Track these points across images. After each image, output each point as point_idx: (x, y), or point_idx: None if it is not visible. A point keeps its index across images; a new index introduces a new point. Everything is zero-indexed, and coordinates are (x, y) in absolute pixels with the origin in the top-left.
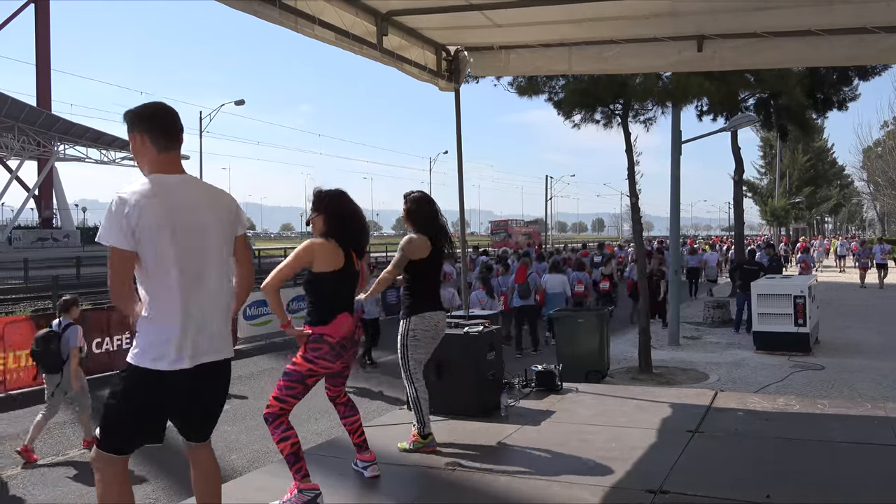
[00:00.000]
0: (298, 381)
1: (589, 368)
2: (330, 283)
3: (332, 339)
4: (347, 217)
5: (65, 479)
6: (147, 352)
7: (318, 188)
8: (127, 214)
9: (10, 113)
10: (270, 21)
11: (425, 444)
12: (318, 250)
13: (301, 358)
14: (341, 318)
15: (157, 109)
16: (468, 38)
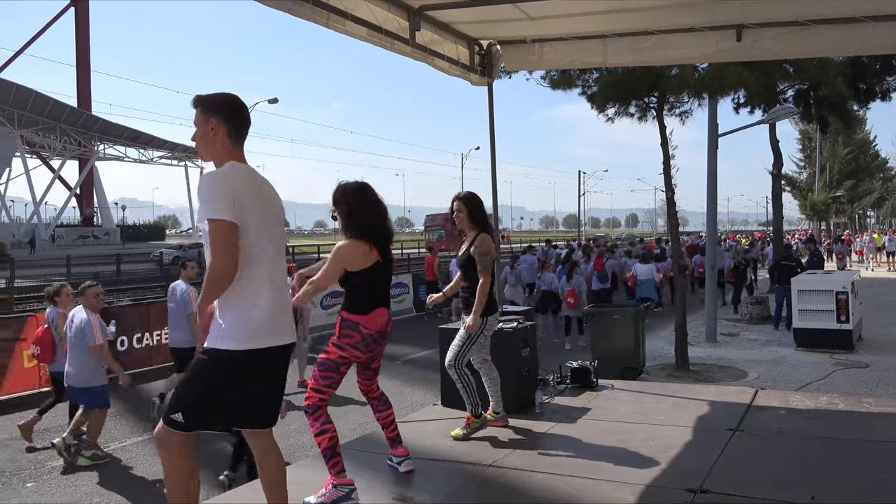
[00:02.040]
0: (332, 370)
1: (624, 365)
2: (365, 278)
3: (366, 331)
4: (368, 212)
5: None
6: (234, 331)
7: (341, 182)
8: (235, 189)
9: (52, 114)
10: (302, 17)
11: (479, 425)
12: (348, 256)
13: (333, 346)
14: (379, 311)
15: (238, 102)
16: (501, 32)
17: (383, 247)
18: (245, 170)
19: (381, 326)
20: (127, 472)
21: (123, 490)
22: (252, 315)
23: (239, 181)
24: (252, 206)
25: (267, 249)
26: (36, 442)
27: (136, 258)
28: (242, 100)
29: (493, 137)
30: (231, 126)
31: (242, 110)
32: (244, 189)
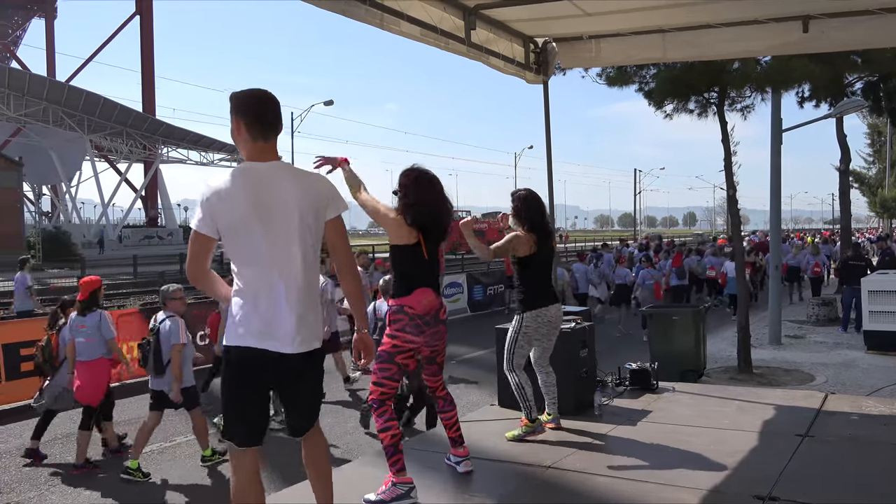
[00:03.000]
0: (389, 361)
1: (684, 367)
2: (403, 257)
3: (411, 311)
4: (423, 202)
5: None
6: (229, 329)
7: (415, 165)
8: (209, 200)
9: (119, 119)
10: (356, 18)
11: (533, 429)
12: (389, 223)
13: (386, 336)
14: (421, 291)
15: (257, 97)
16: (557, 29)
17: (432, 238)
18: (249, 171)
19: (428, 308)
20: (192, 465)
21: (187, 482)
22: (242, 313)
23: (227, 189)
24: (247, 211)
25: (270, 249)
26: None
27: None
28: (267, 95)
29: (549, 136)
30: (250, 122)
31: (262, 106)
32: (232, 196)
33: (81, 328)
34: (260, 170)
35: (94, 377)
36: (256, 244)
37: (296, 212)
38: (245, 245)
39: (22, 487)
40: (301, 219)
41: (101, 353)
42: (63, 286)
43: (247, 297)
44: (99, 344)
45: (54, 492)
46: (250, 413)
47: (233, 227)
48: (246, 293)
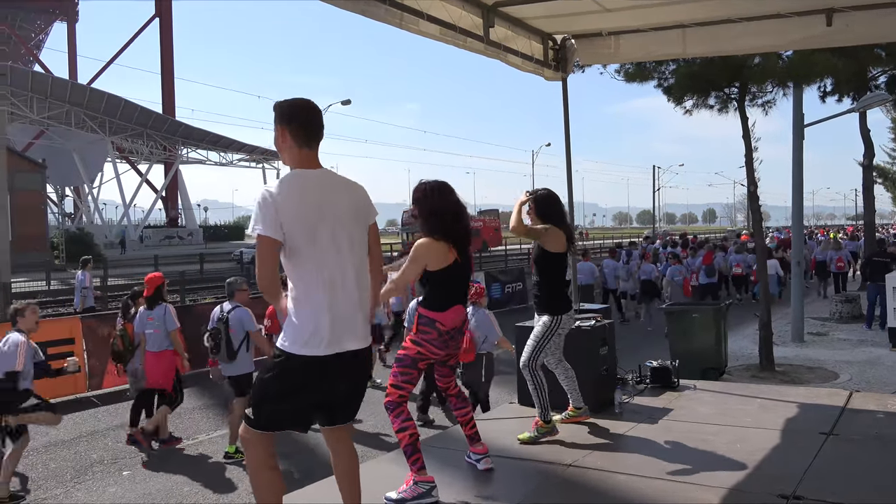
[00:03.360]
0: (411, 366)
1: (706, 365)
2: (444, 277)
3: (442, 327)
4: (445, 212)
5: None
6: (290, 334)
7: (422, 181)
8: (275, 205)
9: (139, 120)
10: (375, 18)
11: (548, 430)
12: (426, 254)
13: (411, 342)
14: (455, 309)
15: (301, 105)
16: (576, 26)
17: (462, 247)
18: (304, 177)
19: (457, 324)
20: (213, 464)
21: (211, 480)
22: (308, 324)
23: (290, 192)
24: (308, 216)
25: (324, 258)
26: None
27: (218, 257)
28: (311, 105)
29: (568, 133)
30: (296, 130)
31: (306, 115)
32: (294, 200)
33: (150, 321)
34: (314, 176)
35: (162, 366)
36: (321, 249)
37: (351, 217)
38: (309, 250)
39: (49, 484)
40: (355, 223)
41: (168, 345)
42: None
43: (311, 304)
44: (165, 335)
45: (80, 489)
46: (303, 414)
47: (297, 233)
48: (309, 299)
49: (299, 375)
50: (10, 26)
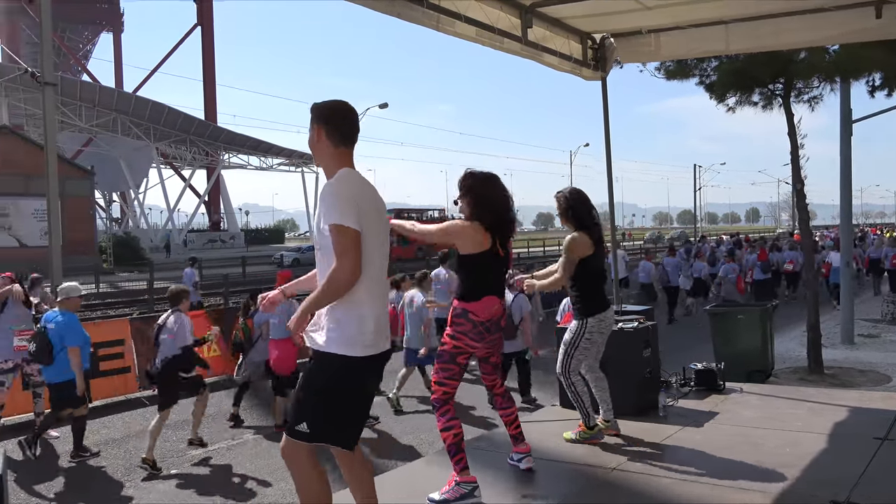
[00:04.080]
0: (451, 362)
1: (751, 368)
2: (476, 263)
3: (476, 318)
4: (494, 201)
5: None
6: (345, 338)
7: (468, 169)
8: (356, 197)
9: (183, 127)
10: (411, 21)
11: (591, 436)
12: (460, 232)
13: (447, 336)
14: (489, 299)
15: (337, 107)
16: (615, 24)
17: (503, 239)
18: (359, 176)
19: (492, 315)
20: (259, 463)
21: (254, 480)
22: (366, 323)
23: (357, 188)
24: (369, 214)
25: (375, 256)
26: (174, 433)
27: (259, 260)
28: (348, 106)
29: (608, 133)
30: (332, 131)
31: (344, 116)
32: (362, 196)
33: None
34: (361, 176)
35: (285, 352)
36: (376, 247)
37: (384, 217)
38: (372, 251)
39: (100, 482)
40: (386, 224)
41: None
42: (133, 289)
43: (364, 303)
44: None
45: (130, 486)
46: (362, 415)
47: (368, 231)
48: (363, 298)
49: (361, 378)
50: (59, 38)
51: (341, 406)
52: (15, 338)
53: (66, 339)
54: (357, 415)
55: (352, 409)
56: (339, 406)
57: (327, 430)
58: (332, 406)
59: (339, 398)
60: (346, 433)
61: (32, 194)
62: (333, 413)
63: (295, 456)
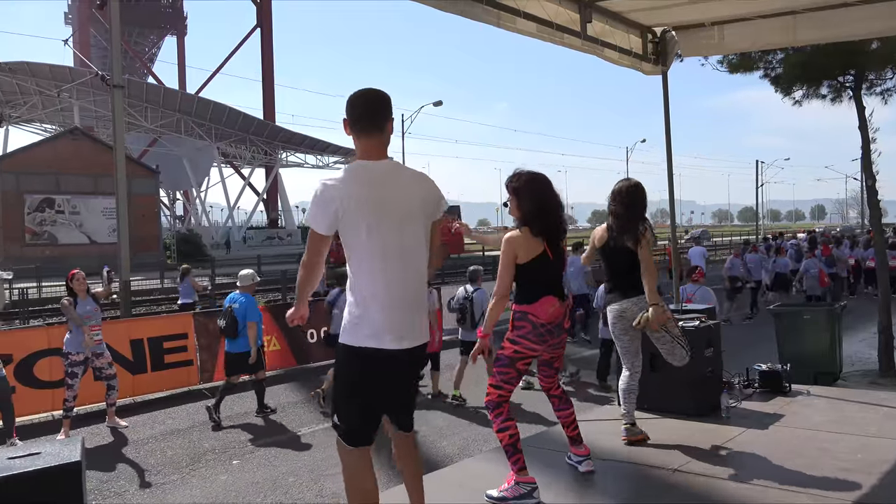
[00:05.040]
0: (510, 366)
1: (818, 370)
2: (532, 268)
3: (535, 319)
4: (542, 202)
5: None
6: (350, 327)
7: (518, 169)
8: (332, 197)
9: (243, 126)
10: (473, 18)
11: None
12: (515, 246)
13: (507, 340)
14: (547, 299)
15: (360, 95)
16: (676, 17)
17: (554, 240)
18: (364, 169)
19: (552, 317)
20: (317, 455)
21: (313, 472)
22: (367, 314)
23: (346, 186)
24: (366, 209)
25: (387, 249)
26: (227, 422)
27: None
28: (368, 94)
29: (669, 128)
30: (354, 120)
31: (364, 103)
32: (354, 194)
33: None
34: (375, 167)
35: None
36: (383, 240)
37: (417, 209)
38: (371, 243)
39: (166, 470)
40: (422, 216)
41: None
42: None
43: (374, 296)
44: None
45: (194, 475)
46: (378, 413)
47: (355, 225)
48: (370, 291)
49: (371, 370)
50: (127, 42)
51: (343, 395)
52: (86, 333)
53: (248, 315)
54: (358, 408)
55: (352, 400)
56: (341, 395)
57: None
58: (338, 394)
59: (342, 387)
60: (348, 424)
61: (102, 193)
62: (338, 401)
63: (341, 448)
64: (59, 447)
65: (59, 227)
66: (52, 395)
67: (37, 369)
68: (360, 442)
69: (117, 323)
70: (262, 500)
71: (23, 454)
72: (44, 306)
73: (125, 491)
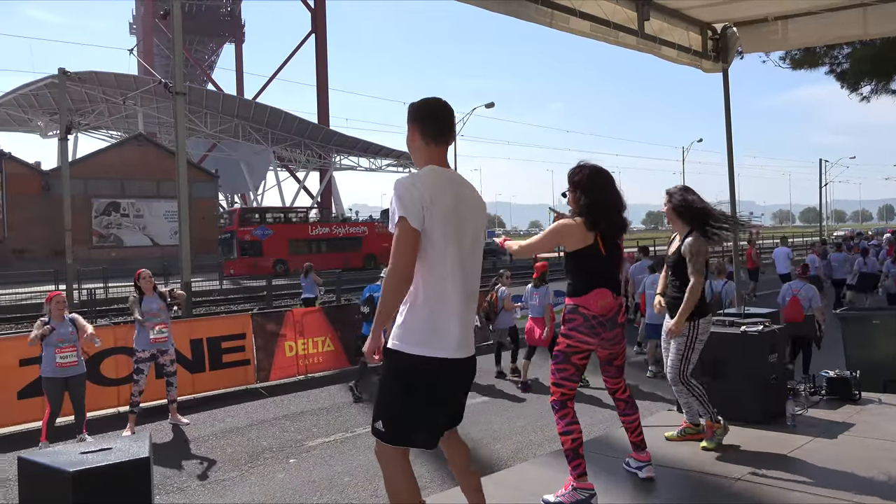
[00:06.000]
0: (565, 362)
1: (888, 377)
2: (584, 258)
3: (587, 311)
4: (602, 196)
5: (353, 454)
6: (411, 334)
7: (582, 161)
8: (420, 197)
9: (298, 131)
10: (525, 19)
11: (724, 430)
12: (566, 232)
13: (561, 335)
14: (598, 292)
15: (429, 105)
16: (738, 13)
17: (610, 236)
18: (441, 174)
19: (605, 309)
20: (372, 456)
21: (368, 472)
22: (437, 324)
23: (430, 186)
24: (443, 211)
25: (455, 256)
26: (292, 422)
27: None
28: (439, 104)
29: (730, 127)
30: (423, 129)
31: (434, 114)
32: (435, 195)
33: (535, 294)
34: (451, 175)
35: (539, 328)
36: (449, 248)
37: (481, 219)
38: (444, 249)
39: (226, 467)
40: (482, 226)
41: (541, 313)
42: (253, 286)
43: (424, 302)
44: (543, 307)
45: (253, 473)
46: (440, 420)
47: (433, 229)
48: (437, 299)
49: (435, 380)
50: (188, 50)
51: (391, 401)
52: (153, 329)
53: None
54: (409, 414)
55: (401, 406)
56: (389, 400)
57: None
58: (385, 400)
59: (390, 393)
60: (395, 428)
61: (164, 196)
62: (385, 407)
63: (382, 453)
64: (128, 443)
65: (124, 230)
66: (118, 391)
67: (103, 367)
68: (409, 443)
69: (178, 323)
70: (319, 498)
71: (95, 449)
72: (110, 306)
73: (187, 486)
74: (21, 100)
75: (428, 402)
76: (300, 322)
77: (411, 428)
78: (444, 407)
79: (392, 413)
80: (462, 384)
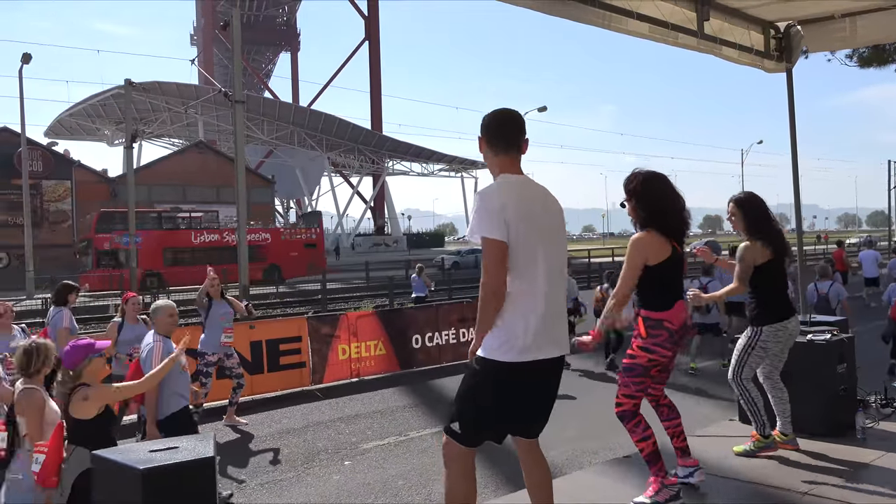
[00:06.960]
0: (644, 375)
1: None
2: (663, 271)
3: (672, 326)
4: (663, 202)
5: (409, 456)
6: (499, 343)
7: (636, 169)
8: (501, 209)
9: (352, 136)
10: (583, 22)
11: (765, 445)
12: (646, 247)
13: (639, 349)
14: (679, 305)
15: (497, 116)
16: (802, 11)
17: (678, 239)
18: (516, 182)
19: (683, 321)
20: (425, 460)
21: (422, 476)
22: (517, 328)
23: (506, 197)
24: (521, 220)
25: (537, 262)
26: (344, 425)
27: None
28: (507, 115)
29: (794, 128)
30: (492, 139)
31: (501, 124)
32: (512, 204)
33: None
34: (527, 184)
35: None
36: (531, 255)
37: (556, 221)
38: (518, 253)
39: (283, 467)
40: (557, 227)
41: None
42: (308, 289)
43: (527, 309)
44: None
45: (309, 474)
46: (516, 424)
47: (516, 238)
48: (524, 305)
49: (521, 382)
50: (245, 59)
51: (474, 406)
52: (223, 334)
53: None
54: (490, 418)
55: (484, 411)
56: (472, 406)
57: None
58: (467, 404)
59: (475, 399)
60: (470, 430)
61: (223, 202)
62: (466, 411)
63: (450, 452)
64: (194, 442)
65: None
66: None
67: None
68: (478, 444)
69: (237, 326)
70: (373, 501)
71: (162, 448)
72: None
73: (245, 486)
74: (90, 110)
75: (507, 405)
76: (354, 325)
77: (485, 431)
78: (524, 410)
79: (469, 417)
80: (544, 386)
